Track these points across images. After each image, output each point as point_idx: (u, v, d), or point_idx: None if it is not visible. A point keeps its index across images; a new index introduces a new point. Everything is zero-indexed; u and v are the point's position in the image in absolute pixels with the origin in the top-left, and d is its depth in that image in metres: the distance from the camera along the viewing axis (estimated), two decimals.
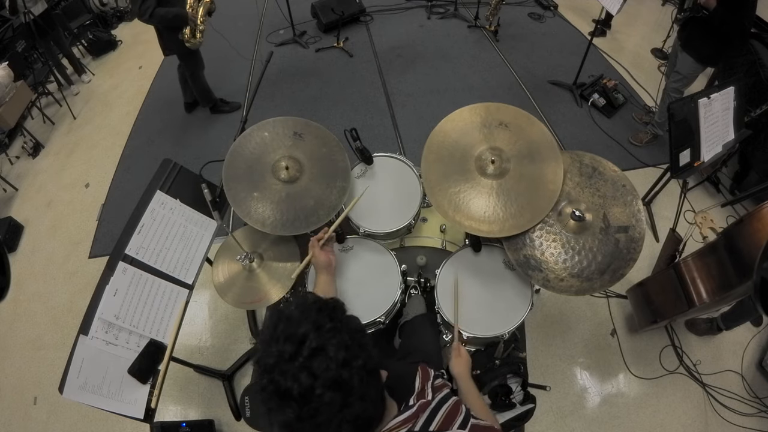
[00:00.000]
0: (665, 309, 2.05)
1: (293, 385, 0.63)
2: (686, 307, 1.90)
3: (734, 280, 1.71)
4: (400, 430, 0.78)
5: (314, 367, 0.64)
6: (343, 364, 0.65)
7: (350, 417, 0.66)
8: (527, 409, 1.47)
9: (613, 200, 1.43)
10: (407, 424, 0.79)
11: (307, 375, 0.63)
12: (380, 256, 1.70)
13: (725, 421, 2.13)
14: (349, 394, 0.66)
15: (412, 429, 0.78)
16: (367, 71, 4.36)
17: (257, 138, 1.62)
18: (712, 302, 1.84)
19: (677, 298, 1.95)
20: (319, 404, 0.63)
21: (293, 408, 0.63)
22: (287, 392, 0.63)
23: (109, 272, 1.48)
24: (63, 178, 3.69)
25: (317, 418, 0.64)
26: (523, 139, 1.50)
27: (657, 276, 2.15)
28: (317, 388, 0.63)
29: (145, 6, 2.87)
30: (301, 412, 0.63)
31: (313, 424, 0.64)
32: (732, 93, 2.30)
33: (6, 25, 3.99)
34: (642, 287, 2.24)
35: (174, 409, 2.31)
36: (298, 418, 0.63)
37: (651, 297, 2.17)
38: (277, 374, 0.64)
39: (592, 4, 3.99)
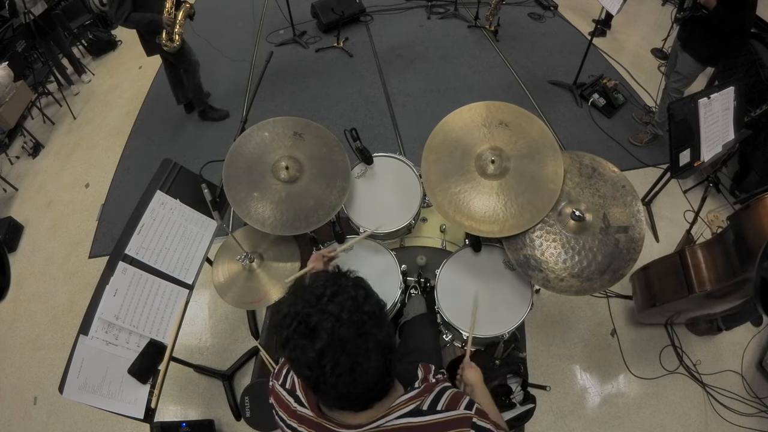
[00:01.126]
0: (665, 294, 2.06)
1: (323, 316, 0.71)
2: (686, 292, 1.91)
3: (737, 269, 1.72)
4: (408, 405, 0.82)
5: (338, 300, 0.73)
6: (363, 298, 0.76)
7: (374, 342, 0.73)
8: (527, 409, 1.47)
9: (613, 200, 1.43)
10: (415, 401, 0.83)
11: (335, 306, 0.72)
12: (380, 256, 1.70)
13: (725, 421, 2.13)
14: (371, 319, 0.74)
15: (420, 406, 0.82)
16: (367, 71, 4.36)
17: (257, 138, 1.62)
18: (713, 291, 1.84)
19: (678, 283, 1.97)
20: (348, 327, 0.71)
21: (326, 334, 0.70)
22: (318, 324, 0.71)
23: (109, 272, 1.48)
24: (63, 178, 3.69)
25: (347, 341, 0.70)
26: (524, 138, 1.50)
27: (662, 260, 2.16)
28: (344, 313, 0.72)
29: (120, 11, 2.92)
30: (333, 337, 0.70)
31: (342, 347, 0.70)
32: (732, 93, 2.30)
33: (6, 25, 4.00)
34: (645, 271, 2.25)
35: (174, 409, 2.31)
36: (330, 342, 0.70)
37: (653, 281, 2.18)
38: (309, 311, 0.73)
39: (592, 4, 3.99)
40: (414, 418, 0.81)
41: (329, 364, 0.70)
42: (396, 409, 0.81)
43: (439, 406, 0.83)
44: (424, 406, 0.82)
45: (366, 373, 0.72)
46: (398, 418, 0.80)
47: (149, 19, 3.01)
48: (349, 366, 0.70)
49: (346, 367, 0.70)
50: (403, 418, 0.81)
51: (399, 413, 0.81)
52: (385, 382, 0.79)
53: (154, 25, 3.05)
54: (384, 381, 0.78)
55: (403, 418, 0.81)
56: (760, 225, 1.66)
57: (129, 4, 2.92)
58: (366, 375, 0.72)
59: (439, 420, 0.81)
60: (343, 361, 0.70)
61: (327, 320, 0.71)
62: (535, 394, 1.54)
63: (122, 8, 2.91)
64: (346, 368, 0.70)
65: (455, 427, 0.81)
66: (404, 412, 0.81)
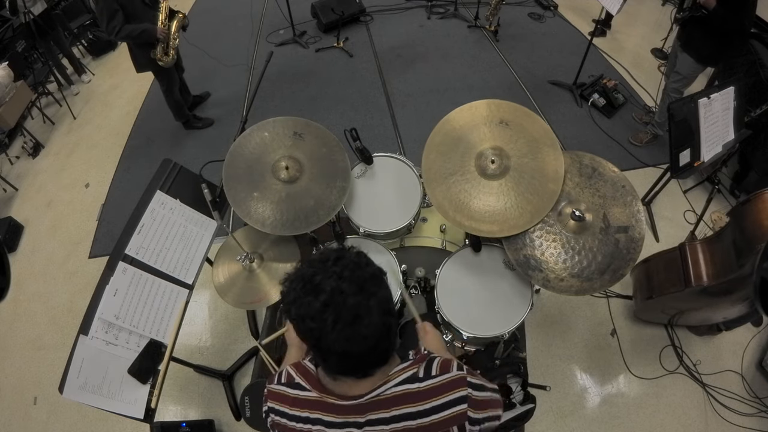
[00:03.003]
0: (663, 287, 2.08)
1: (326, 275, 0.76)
2: (683, 286, 1.93)
3: (734, 265, 1.73)
4: (405, 372, 0.85)
5: (342, 263, 0.78)
6: (365, 263, 0.81)
7: (375, 301, 0.77)
8: (527, 409, 1.47)
9: (613, 200, 1.43)
10: (411, 368, 0.86)
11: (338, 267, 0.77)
12: (380, 256, 1.70)
13: (725, 421, 2.13)
14: (372, 280, 0.79)
15: (416, 374, 0.85)
16: (367, 71, 4.36)
17: (257, 138, 1.62)
18: (709, 286, 1.86)
19: (677, 277, 1.98)
20: (349, 284, 0.75)
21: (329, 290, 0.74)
22: (321, 282, 0.75)
23: (109, 272, 1.48)
24: (63, 178, 3.69)
25: (348, 296, 0.74)
26: (524, 137, 1.50)
27: (662, 254, 2.17)
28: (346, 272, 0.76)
29: (112, 25, 2.84)
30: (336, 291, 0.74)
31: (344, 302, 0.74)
32: (732, 93, 2.30)
33: (6, 25, 3.99)
34: (646, 263, 2.26)
35: (174, 409, 2.31)
36: (332, 295, 0.74)
37: (652, 274, 2.19)
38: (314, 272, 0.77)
39: (592, 4, 3.99)
40: (412, 384, 0.84)
41: (331, 316, 0.73)
42: (394, 376, 0.84)
43: (433, 372, 0.87)
44: (420, 373, 0.86)
45: (366, 327, 0.75)
46: (397, 386, 0.83)
47: (141, 29, 2.92)
48: (351, 318, 0.73)
49: (348, 319, 0.73)
50: (402, 385, 0.84)
51: (397, 380, 0.84)
52: (384, 346, 0.81)
53: (147, 35, 2.96)
54: (384, 344, 0.80)
55: (401, 385, 0.84)
56: (759, 219, 1.67)
57: (121, 16, 2.84)
58: (366, 329, 0.75)
59: (436, 383, 0.85)
60: (345, 313, 0.73)
61: (330, 277, 0.75)
62: (535, 394, 1.55)
63: (114, 21, 2.83)
64: (348, 320, 0.73)
65: (453, 387, 0.85)
66: (402, 379, 0.84)
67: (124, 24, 2.88)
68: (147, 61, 3.15)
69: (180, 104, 3.62)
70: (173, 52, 3.16)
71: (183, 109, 3.68)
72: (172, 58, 3.18)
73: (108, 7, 2.80)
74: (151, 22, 2.98)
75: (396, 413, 0.82)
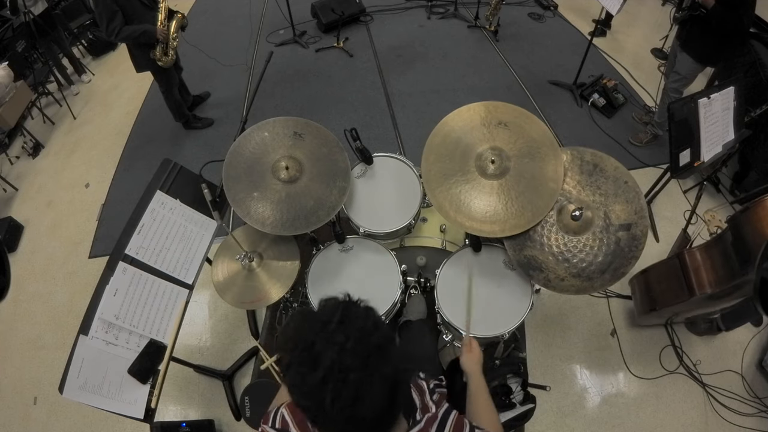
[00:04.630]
0: (666, 297, 2.05)
1: (327, 344, 0.68)
2: (687, 296, 1.90)
3: (737, 271, 1.71)
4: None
5: (346, 330, 0.70)
6: (372, 329, 0.72)
7: (379, 376, 0.69)
8: (527, 409, 1.47)
9: (615, 197, 1.42)
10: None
11: (342, 335, 0.69)
12: (380, 256, 1.70)
13: (725, 421, 2.13)
14: (378, 351, 0.70)
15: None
16: (367, 71, 4.36)
17: (257, 138, 1.62)
18: (715, 294, 1.84)
19: (679, 286, 1.96)
20: (352, 358, 0.68)
21: (329, 363, 0.67)
22: (322, 352, 0.68)
23: (109, 272, 1.48)
24: (63, 178, 3.69)
25: (349, 372, 0.67)
26: (523, 137, 1.50)
27: (660, 264, 2.15)
28: (349, 343, 0.68)
29: (111, 26, 2.84)
30: (336, 367, 0.67)
31: (345, 378, 0.67)
32: (732, 93, 2.29)
33: (6, 25, 3.99)
34: (644, 275, 2.25)
35: (174, 409, 2.31)
36: (332, 371, 0.67)
37: (652, 285, 2.18)
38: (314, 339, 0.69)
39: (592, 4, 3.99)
40: None
41: (330, 395, 0.66)
42: None
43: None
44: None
45: (368, 408, 0.68)
46: None
47: (141, 31, 2.93)
48: (351, 399, 0.66)
49: (348, 400, 0.66)
50: None
51: None
52: (388, 420, 0.75)
53: (147, 36, 2.97)
54: (387, 418, 0.74)
55: None
56: (759, 227, 1.65)
57: (120, 18, 2.84)
58: (368, 410, 0.68)
59: None
60: (345, 393, 0.66)
61: (331, 349, 0.67)
62: (535, 394, 1.54)
63: (113, 23, 2.83)
64: (348, 401, 0.66)
65: None
66: None
67: (124, 25, 2.88)
68: (146, 61, 3.15)
69: (179, 104, 3.62)
70: (173, 52, 3.16)
71: (182, 109, 3.68)
72: (171, 58, 3.18)
73: (107, 9, 2.80)
74: (150, 23, 2.98)
75: None
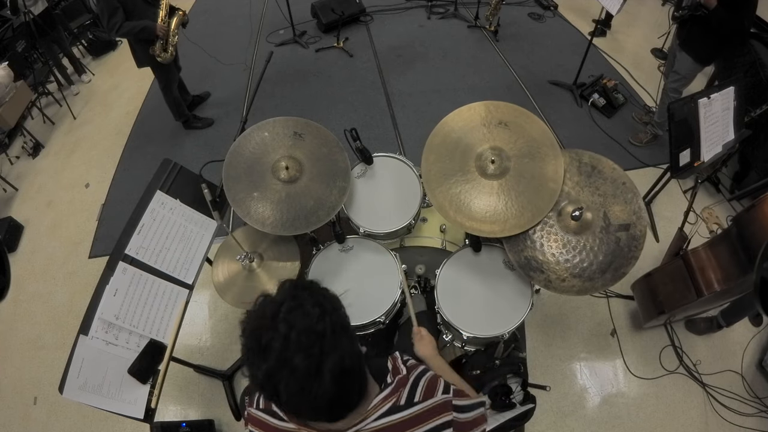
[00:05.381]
0: (672, 300, 2.03)
1: (273, 335, 0.69)
2: (695, 296, 1.88)
3: (746, 266, 1.70)
4: (384, 405, 0.81)
5: (291, 319, 0.70)
6: (317, 317, 0.71)
7: (328, 365, 0.69)
8: (527, 409, 1.47)
9: (614, 198, 1.43)
10: (391, 398, 0.82)
11: (285, 325, 0.69)
12: (380, 256, 1.70)
13: (725, 421, 2.13)
14: (323, 340, 0.70)
15: (397, 403, 0.81)
16: (367, 71, 4.36)
17: (257, 138, 1.62)
18: (722, 291, 1.83)
19: (686, 287, 1.94)
20: (295, 348, 0.68)
21: (274, 355, 0.68)
22: (268, 344, 0.69)
23: (109, 272, 1.48)
24: (63, 178, 3.69)
25: (294, 362, 0.67)
26: (523, 137, 1.50)
27: (664, 267, 2.13)
28: (293, 333, 0.68)
29: (112, 22, 2.87)
30: (280, 358, 0.68)
31: (291, 369, 0.68)
32: (732, 93, 2.30)
33: (6, 25, 3.99)
34: (648, 278, 2.23)
35: (174, 409, 2.31)
36: (277, 363, 0.68)
37: (657, 288, 2.15)
38: (261, 330, 0.70)
39: (592, 4, 4.00)
40: (394, 415, 0.81)
41: (281, 383, 0.68)
42: (373, 411, 0.80)
43: (416, 398, 0.83)
44: (401, 401, 0.82)
45: (318, 392, 0.69)
46: (377, 419, 0.80)
47: (141, 26, 2.96)
48: (298, 388, 0.68)
49: (295, 388, 0.68)
50: (383, 417, 0.80)
51: (377, 414, 0.80)
52: (346, 400, 0.76)
53: (147, 32, 3.00)
54: (344, 399, 0.75)
55: (382, 418, 0.80)
56: (766, 225, 1.65)
57: (121, 14, 2.87)
58: (318, 394, 0.69)
59: (419, 411, 0.81)
60: (292, 383, 0.68)
61: (276, 340, 0.68)
62: (535, 394, 1.55)
63: (114, 19, 2.86)
64: (295, 389, 0.68)
65: (437, 413, 0.82)
66: (382, 412, 0.81)
67: (124, 21, 2.91)
68: (147, 57, 3.17)
69: (179, 102, 3.62)
70: (172, 48, 3.18)
71: (182, 107, 3.68)
72: (171, 55, 3.19)
73: (108, 5, 2.83)
74: (151, 19, 3.00)
75: None
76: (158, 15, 3.02)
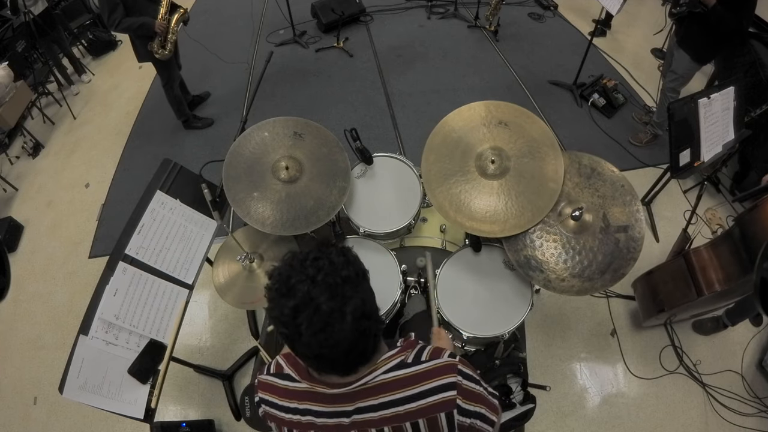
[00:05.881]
0: (673, 298, 2.03)
1: (300, 277, 0.74)
2: (695, 296, 1.88)
3: (748, 267, 1.70)
4: (393, 360, 0.85)
5: (318, 264, 0.76)
6: (342, 264, 0.77)
7: (350, 307, 0.74)
8: (527, 409, 1.47)
9: (612, 200, 1.43)
10: (399, 356, 0.86)
11: (313, 269, 0.75)
12: (380, 256, 1.70)
13: (725, 421, 2.13)
14: (346, 283, 0.75)
15: (405, 360, 0.85)
16: (367, 71, 4.36)
17: (257, 138, 1.62)
18: (723, 291, 1.83)
19: (686, 287, 1.94)
20: (321, 288, 0.73)
21: (300, 293, 0.73)
22: (295, 285, 0.74)
23: (109, 272, 1.48)
24: (63, 178, 3.69)
25: (319, 301, 0.72)
26: (523, 137, 1.51)
27: (666, 265, 2.13)
28: (320, 275, 0.74)
29: (113, 17, 2.90)
30: (306, 296, 0.72)
31: (316, 307, 0.72)
32: (732, 93, 2.30)
33: (6, 25, 3.99)
34: (649, 276, 2.23)
35: (174, 409, 2.31)
36: (303, 300, 0.72)
37: (658, 287, 2.15)
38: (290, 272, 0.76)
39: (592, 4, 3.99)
40: (400, 370, 0.84)
41: (304, 322, 0.72)
42: (382, 364, 0.84)
43: (423, 357, 0.86)
44: (409, 359, 0.86)
45: (339, 333, 0.73)
46: (385, 373, 0.83)
47: (140, 23, 2.98)
48: (321, 325, 0.72)
49: (319, 325, 0.72)
50: (390, 372, 0.84)
51: (385, 368, 0.84)
52: (362, 348, 0.80)
53: (145, 29, 3.01)
54: (360, 347, 0.79)
55: (389, 372, 0.84)
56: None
57: (121, 9, 2.90)
58: (339, 335, 0.73)
59: (425, 368, 0.84)
60: (316, 320, 0.72)
61: (303, 281, 0.73)
62: (535, 394, 1.55)
63: (114, 14, 2.89)
64: (319, 326, 0.72)
65: (443, 373, 0.84)
66: (390, 366, 0.84)
67: (124, 17, 2.93)
68: (147, 52, 3.19)
69: (180, 100, 3.63)
70: (170, 46, 3.18)
71: (183, 105, 3.68)
72: (169, 52, 3.19)
73: (109, 1, 2.85)
74: (151, 16, 3.02)
75: (384, 400, 0.82)
76: (159, 12, 3.04)
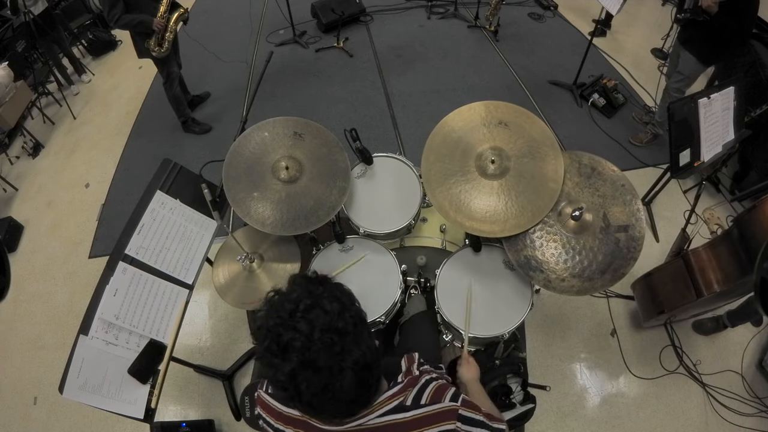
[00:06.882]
0: (672, 299, 2.03)
1: (294, 335, 0.68)
2: (695, 297, 1.88)
3: (747, 267, 1.70)
4: (391, 402, 0.81)
5: (311, 318, 0.70)
6: (338, 313, 0.71)
7: (350, 362, 0.70)
8: (527, 409, 1.47)
9: (613, 200, 1.43)
10: (398, 397, 0.82)
11: (306, 324, 0.69)
12: (380, 256, 1.70)
13: (725, 421, 2.13)
14: (345, 338, 0.70)
15: (403, 402, 0.81)
16: (367, 71, 4.36)
17: (257, 138, 1.62)
18: (722, 292, 1.83)
19: (685, 288, 1.93)
20: (319, 348, 0.68)
21: (296, 355, 0.67)
22: (289, 343, 0.68)
23: (109, 272, 1.48)
24: (63, 178, 3.69)
25: (318, 362, 0.67)
26: (523, 137, 1.50)
27: (665, 266, 2.13)
28: (315, 333, 0.68)
29: (112, 13, 2.93)
30: (303, 358, 0.67)
31: (314, 369, 0.68)
32: (732, 93, 2.30)
33: (6, 25, 3.99)
34: (648, 278, 2.23)
35: (174, 409, 2.31)
36: (301, 363, 0.67)
37: (657, 288, 2.15)
38: (280, 330, 0.69)
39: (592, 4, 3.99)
40: (398, 414, 0.81)
41: (303, 383, 0.68)
42: (378, 407, 0.81)
43: (423, 400, 0.83)
44: (407, 402, 0.82)
45: (340, 391, 0.70)
46: (381, 416, 0.80)
47: (139, 20, 3.01)
48: (322, 386, 0.69)
49: (319, 387, 0.69)
50: (387, 415, 0.80)
51: (382, 411, 0.81)
52: (364, 397, 0.77)
53: (144, 26, 3.04)
54: (363, 396, 0.76)
55: (386, 415, 0.80)
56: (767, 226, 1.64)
57: (121, 6, 2.93)
58: (341, 393, 0.70)
59: (423, 414, 0.81)
60: (316, 381, 0.68)
61: (297, 339, 0.68)
62: (535, 394, 1.55)
63: (114, 10, 2.92)
64: (319, 388, 0.69)
65: (441, 420, 0.81)
66: (387, 409, 0.81)
67: (124, 13, 2.96)
68: (146, 48, 3.20)
69: (180, 99, 3.63)
70: (167, 44, 3.19)
71: (183, 105, 3.68)
72: (165, 50, 3.21)
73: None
74: (151, 14, 3.04)
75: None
76: (159, 10, 3.05)
